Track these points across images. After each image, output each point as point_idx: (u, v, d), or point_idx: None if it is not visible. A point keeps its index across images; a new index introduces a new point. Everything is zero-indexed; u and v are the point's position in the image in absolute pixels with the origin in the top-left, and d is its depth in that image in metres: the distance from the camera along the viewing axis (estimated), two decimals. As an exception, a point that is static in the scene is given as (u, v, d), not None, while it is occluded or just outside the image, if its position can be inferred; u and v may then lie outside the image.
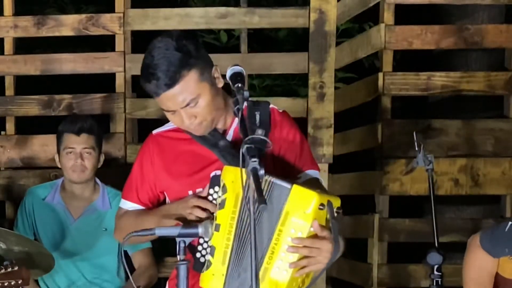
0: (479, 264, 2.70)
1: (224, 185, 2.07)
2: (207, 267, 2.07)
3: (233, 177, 2.04)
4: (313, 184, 2.21)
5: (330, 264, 2.00)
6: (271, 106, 2.33)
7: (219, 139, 2.24)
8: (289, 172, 2.27)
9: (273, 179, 2.02)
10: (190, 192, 2.24)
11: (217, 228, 2.05)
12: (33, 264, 2.68)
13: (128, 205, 2.38)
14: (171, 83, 2.10)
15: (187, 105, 2.14)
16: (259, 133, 1.97)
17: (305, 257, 1.98)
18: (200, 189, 2.22)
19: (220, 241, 2.05)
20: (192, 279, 2.08)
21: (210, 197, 2.16)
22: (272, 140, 2.19)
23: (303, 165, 2.30)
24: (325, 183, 3.05)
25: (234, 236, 2.04)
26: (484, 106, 4.14)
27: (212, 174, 2.21)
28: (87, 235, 3.35)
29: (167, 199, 2.35)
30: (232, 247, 2.05)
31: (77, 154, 3.26)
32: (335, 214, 2.01)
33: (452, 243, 3.65)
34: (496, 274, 2.70)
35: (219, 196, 2.12)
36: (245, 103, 2.21)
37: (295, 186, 1.99)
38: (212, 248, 2.06)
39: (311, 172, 2.31)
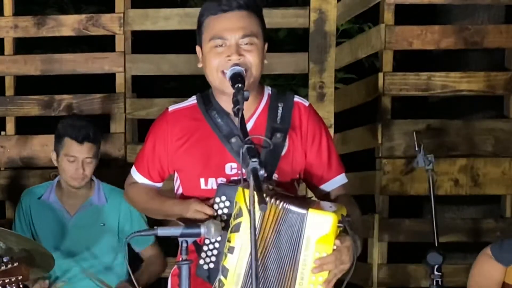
0: (487, 272, 2.72)
1: (240, 208, 2.04)
2: (220, 287, 2.07)
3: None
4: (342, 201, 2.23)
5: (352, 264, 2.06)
6: (295, 99, 2.33)
7: (232, 135, 2.21)
8: (315, 178, 2.32)
9: (288, 206, 2.02)
10: (202, 180, 2.24)
11: (230, 250, 2.04)
12: (33, 264, 2.68)
13: (139, 177, 2.43)
14: (245, 5, 2.16)
15: (246, 36, 2.16)
16: (268, 144, 2.06)
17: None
18: (213, 179, 2.22)
19: (233, 263, 2.04)
20: (194, 281, 2.07)
21: (216, 206, 2.15)
22: (292, 141, 2.23)
23: (332, 171, 2.34)
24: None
25: (248, 259, 2.02)
26: (484, 106, 4.14)
27: (219, 182, 2.20)
28: (85, 231, 3.34)
29: (178, 179, 2.35)
30: (246, 271, 2.04)
31: (79, 163, 3.24)
32: (347, 224, 2.03)
33: (452, 243, 3.66)
34: (503, 284, 2.72)
35: (226, 207, 2.12)
36: (269, 90, 2.28)
37: (310, 210, 2.00)
38: (225, 270, 2.05)
39: (339, 179, 2.35)
